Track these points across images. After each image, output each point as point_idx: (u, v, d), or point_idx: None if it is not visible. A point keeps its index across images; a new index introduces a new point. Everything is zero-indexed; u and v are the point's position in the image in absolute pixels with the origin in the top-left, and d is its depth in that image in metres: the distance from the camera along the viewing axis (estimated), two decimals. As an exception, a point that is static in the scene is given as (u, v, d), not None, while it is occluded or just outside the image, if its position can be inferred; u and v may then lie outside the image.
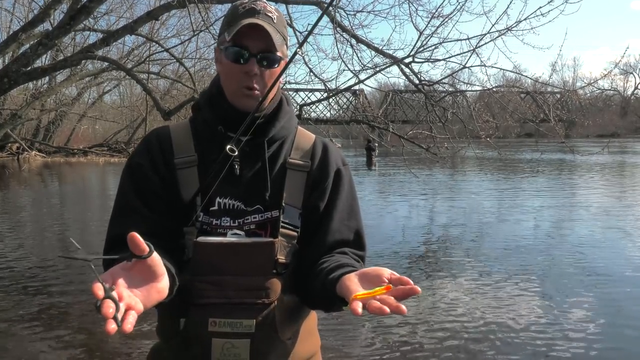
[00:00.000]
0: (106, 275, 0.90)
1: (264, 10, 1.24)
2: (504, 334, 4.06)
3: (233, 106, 1.27)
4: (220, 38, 1.30)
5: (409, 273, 5.91)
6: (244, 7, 1.25)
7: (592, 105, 52.28)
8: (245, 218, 1.26)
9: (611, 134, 55.13)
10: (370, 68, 9.24)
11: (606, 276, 5.62)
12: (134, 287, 0.93)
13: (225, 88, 1.29)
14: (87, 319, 4.47)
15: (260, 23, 1.20)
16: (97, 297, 0.83)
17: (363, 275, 1.00)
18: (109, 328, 0.81)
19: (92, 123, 37.22)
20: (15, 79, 9.29)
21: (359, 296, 0.91)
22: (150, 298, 0.95)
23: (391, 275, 0.95)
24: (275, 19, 1.25)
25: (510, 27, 7.99)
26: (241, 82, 1.24)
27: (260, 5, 1.25)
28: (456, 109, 9.96)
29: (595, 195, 12.54)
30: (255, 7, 1.24)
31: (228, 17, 1.27)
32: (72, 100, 30.16)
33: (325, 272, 1.16)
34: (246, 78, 1.23)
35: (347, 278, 1.02)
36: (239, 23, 1.21)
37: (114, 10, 16.88)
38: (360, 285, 0.98)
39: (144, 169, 1.27)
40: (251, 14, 1.23)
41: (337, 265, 1.16)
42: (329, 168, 1.34)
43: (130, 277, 0.93)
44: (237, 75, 1.24)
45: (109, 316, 0.82)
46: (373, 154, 25.47)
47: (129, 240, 0.89)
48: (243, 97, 1.25)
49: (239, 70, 1.23)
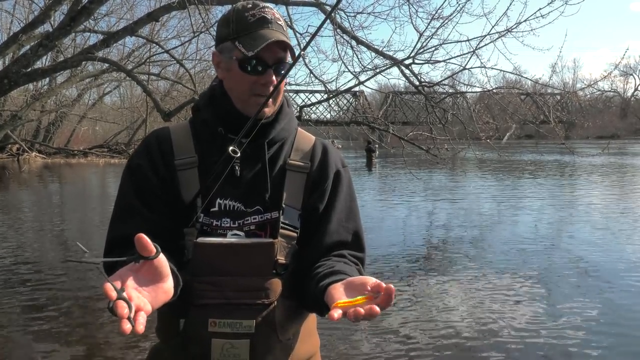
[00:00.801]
0: (115, 277, 0.91)
1: (274, 19, 1.23)
2: (504, 335, 4.06)
3: (236, 109, 1.27)
4: (224, 45, 1.25)
5: (409, 274, 5.91)
6: (253, 16, 1.22)
7: (592, 107, 52.33)
8: (245, 219, 1.26)
9: (611, 136, 55.17)
10: (370, 69, 9.25)
11: (606, 278, 5.62)
12: (142, 288, 0.94)
13: (234, 95, 1.27)
14: (87, 320, 4.47)
15: (282, 39, 1.20)
16: (110, 298, 0.85)
17: (349, 284, 1.03)
18: (124, 327, 0.83)
19: (92, 124, 37.27)
20: (15, 80, 9.30)
21: (340, 304, 0.96)
22: (157, 299, 0.97)
23: (374, 284, 0.97)
24: (284, 27, 1.25)
25: (510, 29, 8.01)
26: (255, 91, 1.24)
27: (270, 13, 1.23)
28: (456, 111, 9.96)
29: (595, 197, 12.54)
30: (266, 16, 1.22)
31: (236, 25, 1.23)
32: (72, 101, 30.18)
33: (317, 279, 1.16)
34: (262, 88, 1.23)
35: (333, 287, 1.04)
36: (258, 36, 1.19)
37: (114, 11, 16.88)
38: (344, 294, 1.01)
39: (144, 170, 1.27)
40: (264, 24, 1.21)
41: (329, 272, 1.16)
42: (329, 169, 1.34)
43: (138, 279, 0.94)
44: (253, 85, 1.23)
45: (124, 316, 0.84)
46: (373, 155, 25.48)
47: (136, 241, 0.90)
48: (257, 106, 1.24)
49: (255, 80, 1.23)
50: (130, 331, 0.84)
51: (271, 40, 1.18)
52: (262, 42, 1.18)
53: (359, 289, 0.99)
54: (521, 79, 12.31)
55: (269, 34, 1.20)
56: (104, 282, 0.87)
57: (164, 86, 24.26)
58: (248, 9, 1.24)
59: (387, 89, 20.37)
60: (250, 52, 1.19)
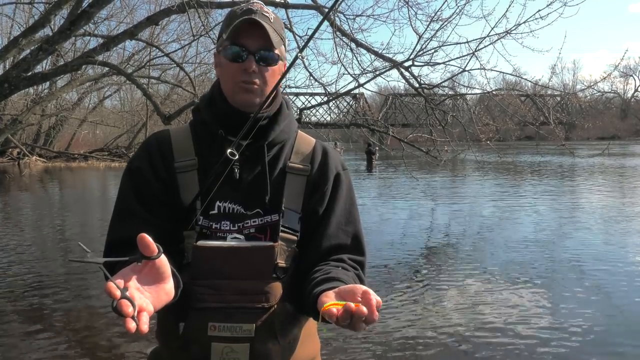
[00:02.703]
0: (117, 277, 0.91)
1: (261, 10, 1.26)
2: (503, 338, 4.05)
3: (234, 108, 1.27)
4: (219, 41, 1.31)
5: (409, 277, 5.90)
6: (241, 9, 1.27)
7: (592, 108, 52.36)
8: (245, 222, 1.26)
9: (611, 137, 55.23)
10: (370, 72, 9.27)
11: (607, 280, 5.61)
12: (144, 288, 0.94)
13: (224, 89, 1.29)
14: (87, 322, 4.46)
15: (257, 19, 1.22)
16: (114, 297, 0.84)
17: (339, 293, 1.02)
18: (129, 326, 0.83)
19: (92, 128, 37.36)
20: (15, 84, 9.32)
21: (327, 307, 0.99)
22: (159, 299, 0.97)
23: (363, 292, 0.97)
24: (272, 19, 1.26)
25: (509, 30, 8.03)
26: (240, 78, 1.24)
27: (257, 6, 1.26)
28: (456, 112, 9.97)
29: (595, 198, 12.53)
30: (252, 8, 1.25)
31: (226, 21, 1.29)
32: (72, 105, 30.27)
33: (312, 285, 1.16)
34: (245, 75, 1.24)
35: (325, 295, 1.05)
36: (239, 24, 1.23)
37: (114, 15, 16.93)
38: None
39: (144, 172, 1.27)
40: (247, 13, 1.24)
41: (324, 279, 1.15)
42: (329, 172, 1.34)
43: (140, 279, 0.94)
44: (236, 73, 1.24)
45: (129, 315, 0.84)
46: (373, 158, 25.49)
47: (139, 241, 0.90)
48: (242, 92, 1.25)
49: (237, 68, 1.24)
50: (135, 330, 0.83)
51: (242, 19, 1.21)
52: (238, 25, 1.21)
53: (349, 297, 0.99)
54: (521, 80, 12.34)
55: (248, 17, 1.22)
56: (107, 281, 0.86)
57: (164, 90, 24.32)
58: (241, 6, 1.28)
59: (387, 91, 20.36)
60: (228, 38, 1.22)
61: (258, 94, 1.26)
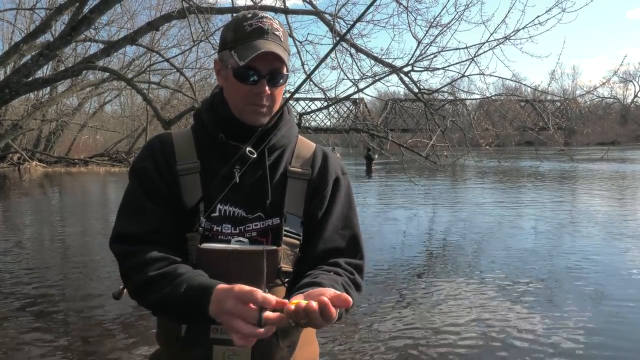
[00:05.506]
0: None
1: (272, 29, 1.24)
2: (501, 342, 4.05)
3: (236, 117, 1.28)
4: (223, 53, 1.28)
5: (408, 281, 5.90)
6: (250, 26, 1.23)
7: (592, 113, 52.42)
8: (246, 225, 1.27)
9: (611, 142, 55.24)
10: (369, 77, 9.29)
11: (606, 286, 5.61)
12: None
13: (231, 103, 1.29)
14: (87, 326, 4.46)
15: (274, 49, 1.20)
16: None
17: (308, 296, 1.02)
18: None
19: (92, 133, 37.37)
20: (16, 89, 9.35)
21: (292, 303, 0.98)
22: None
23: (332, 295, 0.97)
24: (281, 37, 1.25)
25: (508, 36, 8.05)
26: (250, 100, 1.25)
27: (268, 23, 1.24)
28: (456, 117, 10.00)
29: (595, 204, 12.53)
30: (263, 26, 1.23)
31: (234, 34, 1.25)
32: (73, 110, 30.33)
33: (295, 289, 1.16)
34: (256, 98, 1.24)
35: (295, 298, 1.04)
36: (251, 46, 1.20)
37: (114, 21, 17.02)
38: None
39: (149, 172, 1.27)
40: (260, 34, 1.22)
41: (307, 283, 1.15)
42: (329, 176, 1.35)
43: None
44: (247, 94, 1.24)
45: None
46: (373, 163, 25.51)
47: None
48: (252, 114, 1.26)
49: (248, 90, 1.24)
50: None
51: (261, 51, 1.19)
52: (254, 52, 1.19)
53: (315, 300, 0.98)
54: (520, 85, 12.37)
55: (263, 45, 1.20)
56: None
57: (164, 95, 24.41)
58: (248, 18, 1.25)
59: (387, 96, 20.45)
60: (241, 62, 1.20)
61: (267, 115, 1.27)
